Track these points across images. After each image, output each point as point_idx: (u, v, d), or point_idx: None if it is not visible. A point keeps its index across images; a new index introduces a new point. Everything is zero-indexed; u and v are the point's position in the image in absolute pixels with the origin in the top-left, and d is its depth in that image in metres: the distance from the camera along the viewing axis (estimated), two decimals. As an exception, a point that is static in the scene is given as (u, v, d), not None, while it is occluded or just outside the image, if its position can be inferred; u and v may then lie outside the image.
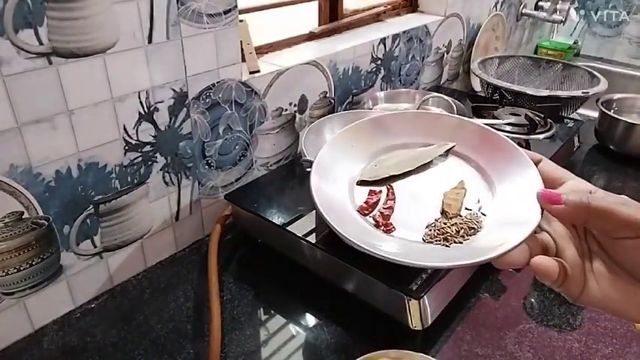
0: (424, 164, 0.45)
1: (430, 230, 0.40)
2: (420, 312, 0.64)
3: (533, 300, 0.75)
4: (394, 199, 0.43)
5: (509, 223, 0.37)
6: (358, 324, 0.69)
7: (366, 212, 0.42)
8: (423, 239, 0.40)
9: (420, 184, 0.44)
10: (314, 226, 0.77)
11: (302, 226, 0.76)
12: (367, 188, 0.44)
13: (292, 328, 0.70)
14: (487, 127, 0.45)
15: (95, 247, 0.72)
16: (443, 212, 0.41)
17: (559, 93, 1.23)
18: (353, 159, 0.45)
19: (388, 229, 0.40)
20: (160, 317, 0.71)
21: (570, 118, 1.19)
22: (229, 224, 0.85)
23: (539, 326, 0.70)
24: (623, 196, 0.34)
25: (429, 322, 0.65)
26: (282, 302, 0.74)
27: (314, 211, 0.79)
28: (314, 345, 0.67)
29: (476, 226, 0.40)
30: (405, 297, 0.63)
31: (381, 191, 0.43)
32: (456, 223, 0.40)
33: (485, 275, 0.78)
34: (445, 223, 0.40)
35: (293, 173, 0.94)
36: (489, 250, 0.35)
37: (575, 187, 0.36)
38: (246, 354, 0.65)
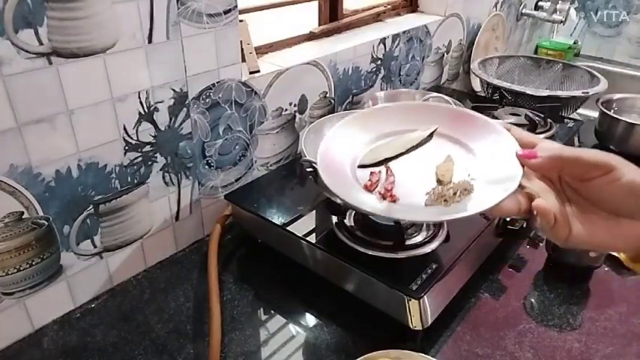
0: (413, 146, 0.50)
1: (430, 196, 0.45)
2: (420, 312, 0.64)
3: (533, 300, 0.75)
4: (393, 176, 0.48)
5: (497, 182, 0.42)
6: (358, 324, 0.69)
7: (371, 189, 0.47)
8: (425, 204, 0.45)
9: (413, 162, 0.49)
10: (314, 226, 0.77)
11: (302, 226, 0.76)
12: (367, 170, 0.49)
13: (292, 328, 0.70)
14: (459, 107, 0.51)
15: (95, 247, 0.72)
16: (438, 182, 0.46)
17: (559, 93, 1.23)
18: (349, 148, 0.51)
19: (393, 199, 0.45)
20: (160, 317, 0.71)
21: (570, 118, 1.19)
22: (229, 224, 0.85)
23: (539, 326, 0.70)
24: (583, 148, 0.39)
25: (429, 322, 0.65)
26: (282, 302, 0.74)
27: (314, 211, 0.80)
28: (314, 345, 0.67)
29: (469, 188, 0.44)
30: (405, 297, 0.63)
31: (380, 171, 0.48)
32: (451, 187, 0.45)
33: (485, 275, 0.78)
34: (442, 189, 0.45)
35: (293, 173, 0.94)
36: (486, 202, 0.40)
37: (546, 146, 0.42)
38: (246, 354, 0.65)
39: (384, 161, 0.49)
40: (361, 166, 0.49)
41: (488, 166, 0.45)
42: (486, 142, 0.47)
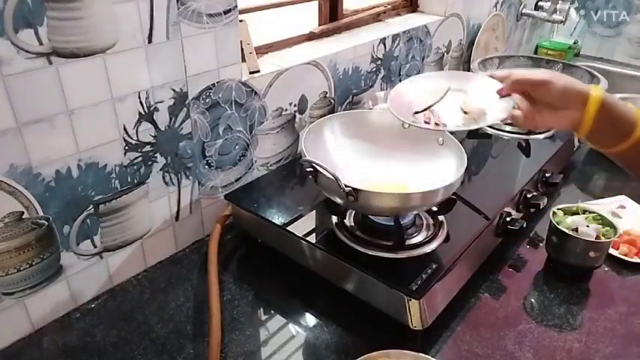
0: (441, 97, 0.72)
1: (463, 119, 0.68)
2: (420, 312, 0.64)
3: (533, 300, 0.75)
4: (439, 114, 0.70)
5: (498, 104, 0.66)
6: (358, 324, 0.69)
7: (429, 122, 0.69)
8: (462, 124, 0.68)
9: (444, 106, 0.71)
10: (314, 226, 0.77)
11: (302, 226, 0.76)
12: (420, 114, 0.71)
13: (292, 328, 0.70)
14: (462, 72, 0.77)
15: (95, 247, 0.72)
16: (464, 112, 0.69)
17: (559, 93, 1.23)
18: (407, 100, 0.73)
19: (440, 125, 0.69)
20: (160, 317, 0.71)
21: (570, 118, 1.19)
22: (229, 224, 0.85)
23: (539, 326, 0.70)
24: (536, 69, 0.65)
25: (429, 322, 0.65)
26: (282, 302, 0.74)
27: (314, 211, 0.80)
28: (314, 345, 0.67)
29: (484, 111, 0.67)
30: (405, 297, 0.63)
31: (430, 112, 0.70)
32: (475, 112, 0.68)
33: (485, 275, 0.78)
34: (470, 114, 0.68)
35: (293, 173, 0.94)
36: (499, 116, 0.66)
37: (514, 73, 0.64)
38: (246, 354, 0.65)
39: (430, 107, 0.71)
40: (415, 113, 0.71)
41: (488, 99, 0.68)
42: (480, 84, 0.71)
